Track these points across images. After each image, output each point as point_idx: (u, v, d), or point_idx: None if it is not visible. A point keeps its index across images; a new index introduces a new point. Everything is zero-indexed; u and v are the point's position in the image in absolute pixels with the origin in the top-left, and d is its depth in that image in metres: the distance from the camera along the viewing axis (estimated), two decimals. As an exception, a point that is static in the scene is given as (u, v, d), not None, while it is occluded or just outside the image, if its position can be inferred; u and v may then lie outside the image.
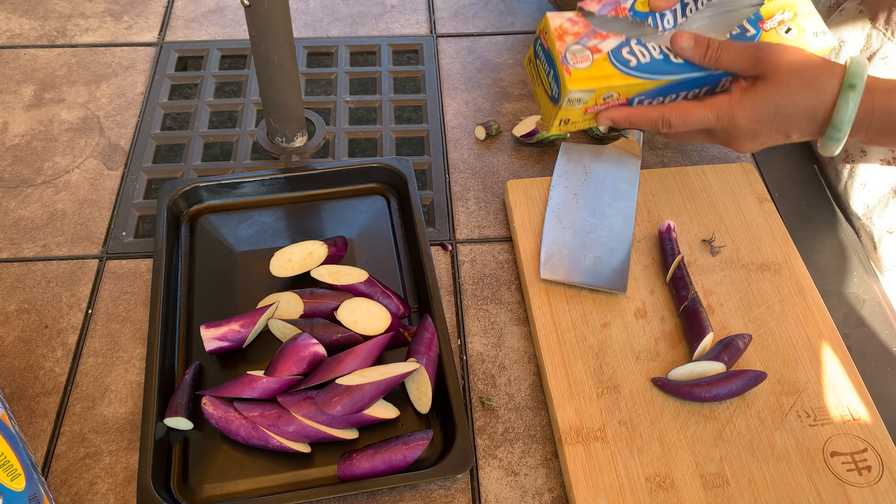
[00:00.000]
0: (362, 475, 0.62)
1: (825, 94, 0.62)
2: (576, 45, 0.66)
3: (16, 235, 0.80)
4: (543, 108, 0.72)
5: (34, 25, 1.03)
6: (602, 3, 0.67)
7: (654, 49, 0.67)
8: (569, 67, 0.65)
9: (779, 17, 0.69)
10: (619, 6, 0.67)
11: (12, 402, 0.68)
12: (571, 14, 0.68)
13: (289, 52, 0.81)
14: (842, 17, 0.87)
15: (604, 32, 0.67)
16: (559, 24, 0.67)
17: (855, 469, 0.63)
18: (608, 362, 0.69)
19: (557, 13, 0.68)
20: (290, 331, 0.69)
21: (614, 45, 0.67)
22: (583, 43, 0.66)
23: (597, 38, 0.67)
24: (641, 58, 0.67)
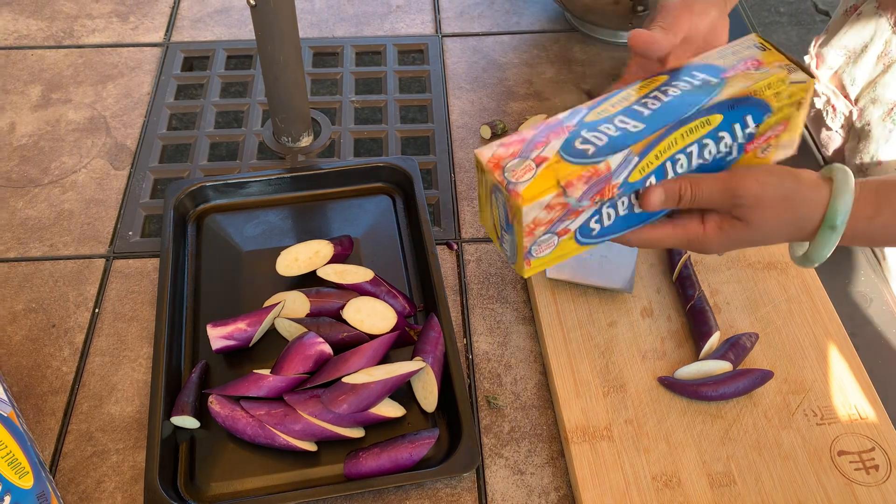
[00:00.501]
0: (369, 474, 0.62)
1: (806, 227, 0.58)
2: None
3: (23, 235, 0.81)
4: None
5: (41, 26, 1.04)
6: (588, 185, 0.54)
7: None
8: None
9: (742, 67, 0.57)
10: (609, 185, 0.55)
11: (20, 401, 0.68)
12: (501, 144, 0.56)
13: (295, 52, 0.81)
14: (859, 22, 0.86)
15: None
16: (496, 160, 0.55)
17: (862, 468, 0.63)
18: (614, 361, 0.69)
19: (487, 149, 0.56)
20: (296, 329, 0.69)
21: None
22: None
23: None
24: (598, 142, 0.55)
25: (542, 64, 1.00)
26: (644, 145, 0.54)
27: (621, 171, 0.54)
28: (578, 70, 0.99)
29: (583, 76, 0.98)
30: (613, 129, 0.55)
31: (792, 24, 2.53)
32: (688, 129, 0.55)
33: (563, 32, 1.05)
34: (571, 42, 1.03)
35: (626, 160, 0.53)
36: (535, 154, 0.54)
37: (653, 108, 0.56)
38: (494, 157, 0.55)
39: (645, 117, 0.55)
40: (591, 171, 0.53)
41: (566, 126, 0.56)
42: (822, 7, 2.59)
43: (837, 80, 0.90)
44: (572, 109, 0.58)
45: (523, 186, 0.52)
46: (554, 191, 0.52)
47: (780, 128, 0.59)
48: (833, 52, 0.90)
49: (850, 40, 0.87)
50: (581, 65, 1.00)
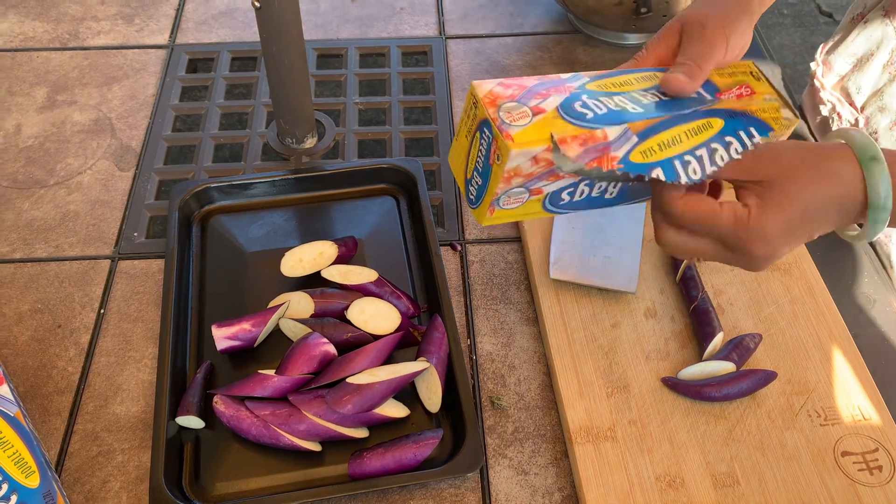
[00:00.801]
0: (373, 474, 0.62)
1: (846, 178, 0.52)
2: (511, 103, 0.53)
3: (29, 236, 0.81)
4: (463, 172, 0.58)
5: (47, 28, 1.04)
6: (584, 148, 0.52)
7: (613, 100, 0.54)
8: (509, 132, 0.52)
9: (736, 92, 0.57)
10: (608, 155, 0.52)
11: (26, 401, 0.69)
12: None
13: (299, 53, 0.81)
14: (866, 30, 0.86)
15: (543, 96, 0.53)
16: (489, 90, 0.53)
17: (866, 469, 0.63)
18: (618, 362, 0.69)
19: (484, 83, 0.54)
20: (300, 330, 0.69)
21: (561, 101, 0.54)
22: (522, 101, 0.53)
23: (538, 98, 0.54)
24: (598, 110, 0.53)
25: (545, 66, 1.00)
26: (643, 126, 0.53)
27: (620, 144, 0.52)
28: (582, 71, 0.99)
29: (586, 78, 0.98)
30: (613, 105, 0.54)
31: (795, 25, 2.53)
32: (691, 127, 0.54)
33: (566, 34, 1.05)
34: (575, 44, 1.04)
35: (624, 135, 0.52)
36: (534, 104, 0.53)
37: (651, 101, 0.55)
38: (491, 94, 0.53)
39: (644, 104, 0.54)
40: (587, 135, 0.51)
41: (567, 86, 0.54)
42: (825, 9, 2.59)
43: (843, 88, 0.90)
44: (573, 74, 0.56)
45: (517, 130, 0.51)
46: (545, 144, 0.51)
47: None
48: (840, 60, 0.90)
49: (857, 48, 0.87)
50: (584, 66, 1.00)
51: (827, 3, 2.60)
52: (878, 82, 0.85)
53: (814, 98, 0.94)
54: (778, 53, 0.96)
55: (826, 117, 0.92)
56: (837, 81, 0.90)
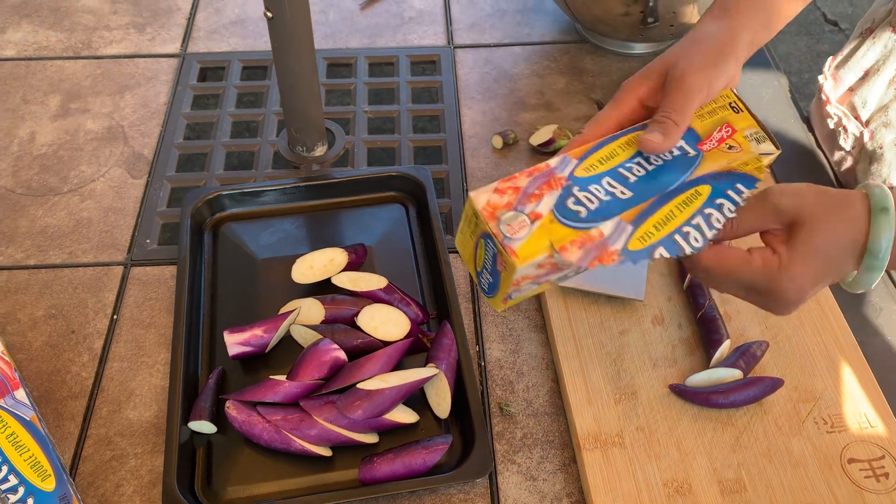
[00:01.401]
0: (383, 479, 0.63)
1: (859, 223, 0.54)
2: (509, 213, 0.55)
3: (43, 242, 0.82)
4: None
5: (60, 38, 1.06)
6: (584, 250, 0.54)
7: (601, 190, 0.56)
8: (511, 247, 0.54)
9: (717, 136, 0.59)
10: (607, 251, 0.54)
11: (40, 405, 0.70)
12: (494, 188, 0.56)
13: (310, 62, 0.82)
14: (875, 46, 0.87)
15: None
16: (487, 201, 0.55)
17: (873, 476, 0.63)
18: (626, 369, 0.70)
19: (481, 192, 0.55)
20: (311, 336, 0.70)
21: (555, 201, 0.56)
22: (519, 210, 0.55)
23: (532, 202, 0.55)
24: (590, 204, 0.55)
25: (552, 75, 1.01)
26: (635, 214, 0.55)
27: (615, 238, 0.54)
28: (589, 80, 1.00)
29: (593, 87, 0.99)
30: (603, 193, 0.56)
31: (801, 34, 2.54)
32: (681, 201, 0.56)
33: (573, 43, 1.06)
34: (582, 53, 1.04)
35: (618, 228, 0.54)
36: (530, 209, 0.55)
37: (638, 175, 0.57)
38: (490, 206, 0.55)
39: (631, 184, 0.56)
40: (583, 237, 0.54)
41: (558, 177, 0.56)
42: (831, 17, 2.59)
43: (848, 102, 0.90)
44: (562, 157, 0.58)
45: (518, 244, 0.53)
46: (547, 251, 0.53)
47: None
48: (849, 73, 0.90)
49: (865, 62, 0.88)
50: (591, 75, 1.01)
51: (832, 11, 2.61)
52: (884, 97, 0.85)
53: (821, 110, 0.94)
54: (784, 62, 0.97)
55: (833, 130, 0.92)
56: (844, 95, 0.91)
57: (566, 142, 0.89)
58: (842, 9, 2.60)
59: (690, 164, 0.57)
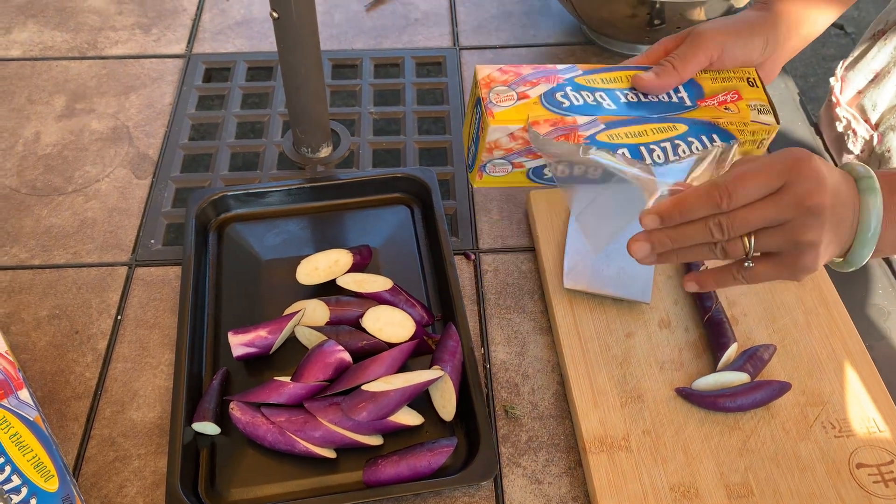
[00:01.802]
0: (387, 481, 0.63)
1: (852, 199, 0.54)
2: None
3: (47, 242, 0.82)
4: None
5: (66, 38, 1.06)
6: (554, 128, 0.60)
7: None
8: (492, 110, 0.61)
9: (721, 98, 0.63)
10: (576, 133, 0.60)
11: (44, 406, 0.69)
12: None
13: (316, 63, 0.82)
14: (887, 48, 0.86)
15: None
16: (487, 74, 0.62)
17: (881, 481, 0.63)
18: (632, 372, 0.69)
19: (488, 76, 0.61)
20: (316, 337, 0.70)
21: None
22: None
23: None
24: (575, 101, 0.61)
25: (558, 76, 1.01)
26: (611, 119, 0.61)
27: (588, 128, 0.60)
28: (581, 64, 1.00)
29: (599, 89, 0.99)
30: (591, 99, 0.62)
31: (806, 37, 2.53)
32: (656, 127, 0.61)
33: (579, 45, 1.06)
34: (588, 55, 1.04)
35: (592, 122, 0.61)
36: (522, 90, 0.61)
37: (629, 100, 0.63)
38: (489, 77, 0.62)
39: (619, 103, 0.62)
40: (557, 119, 0.60)
41: (557, 77, 0.62)
42: (836, 21, 2.59)
43: (858, 105, 0.90)
44: (570, 66, 0.64)
45: (499, 110, 0.60)
46: (521, 123, 0.59)
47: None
48: (859, 75, 0.90)
49: (876, 64, 0.87)
50: (597, 77, 1.01)
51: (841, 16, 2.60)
52: (894, 99, 0.85)
53: (830, 113, 0.94)
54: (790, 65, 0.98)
55: (841, 133, 0.92)
56: (854, 97, 0.90)
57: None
58: (848, 13, 2.59)
59: (681, 108, 0.62)
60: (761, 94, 0.63)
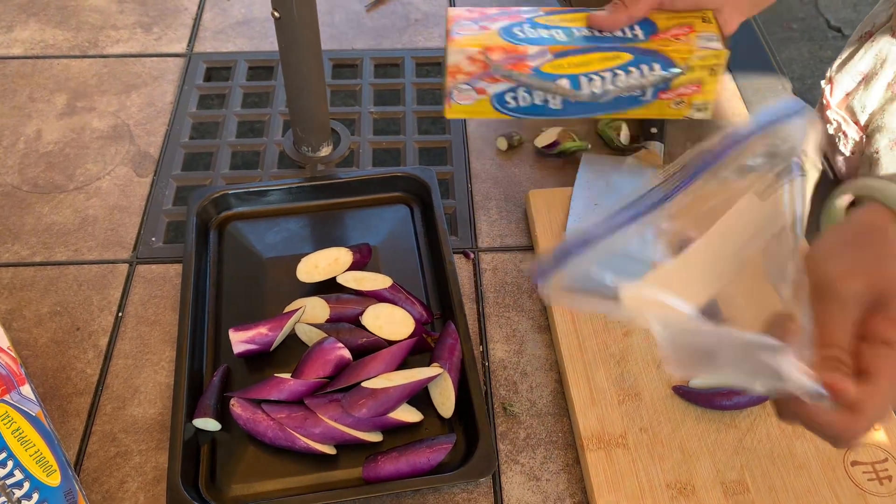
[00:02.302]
0: (387, 477, 0.63)
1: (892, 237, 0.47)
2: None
3: (49, 240, 0.82)
4: None
5: (67, 36, 1.06)
6: (506, 55, 0.65)
7: None
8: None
9: (672, 32, 0.66)
10: (524, 63, 0.65)
11: (45, 402, 0.70)
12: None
13: (316, 63, 0.83)
14: (873, 49, 0.87)
15: None
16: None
17: (876, 479, 0.63)
18: (630, 370, 0.70)
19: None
20: (316, 335, 0.70)
21: None
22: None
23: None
24: (531, 34, 0.66)
25: (557, 77, 1.01)
26: (560, 49, 0.66)
27: (535, 57, 0.66)
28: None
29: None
30: (546, 34, 0.67)
31: (804, 39, 2.54)
32: (601, 56, 0.66)
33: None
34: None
35: (541, 53, 0.66)
36: (483, 24, 0.67)
37: (581, 34, 0.67)
38: (456, 16, 0.68)
39: (572, 36, 0.67)
40: (510, 48, 0.65)
41: (520, 16, 0.67)
42: (834, 24, 2.60)
43: (848, 107, 0.90)
44: (533, 9, 0.68)
45: (459, 37, 0.65)
46: (477, 47, 0.64)
47: (693, 87, 0.67)
48: (847, 77, 0.90)
49: (863, 66, 0.88)
50: (596, 78, 1.01)
51: (836, 17, 2.61)
52: (882, 101, 0.85)
53: (822, 116, 0.94)
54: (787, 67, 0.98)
55: (832, 135, 0.92)
56: (843, 99, 0.91)
57: (571, 144, 0.89)
58: (845, 15, 2.60)
59: (631, 41, 0.66)
60: (713, 28, 0.67)
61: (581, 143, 0.90)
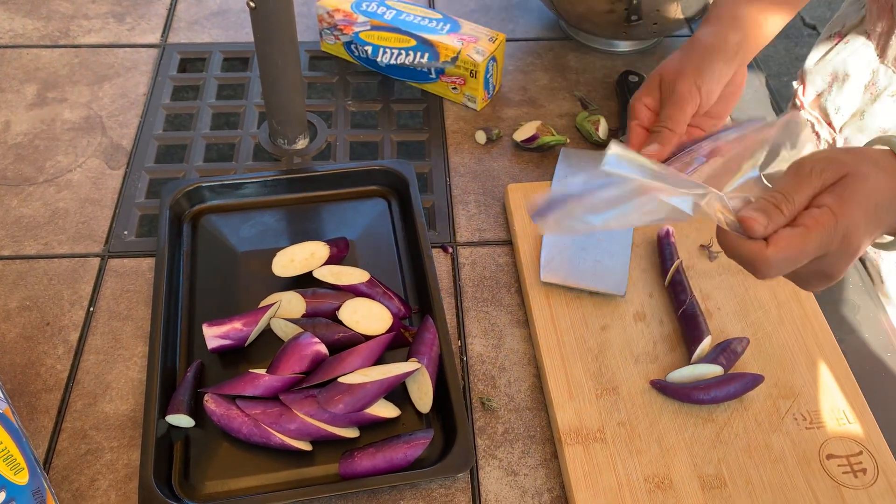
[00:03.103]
0: (363, 473, 0.63)
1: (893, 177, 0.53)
2: None
3: (18, 233, 0.81)
4: None
5: (37, 26, 1.04)
6: None
7: None
8: None
9: (454, 79, 0.92)
10: None
11: (14, 398, 0.68)
12: None
13: (293, 54, 0.81)
14: (846, 51, 0.87)
15: None
16: None
17: (850, 472, 0.64)
18: (607, 364, 0.70)
19: None
20: (292, 330, 0.69)
21: None
22: None
23: None
24: None
25: (536, 71, 1.01)
26: (378, 24, 0.93)
27: (359, 25, 0.94)
28: (572, 78, 1.00)
29: (577, 83, 0.99)
30: (384, 11, 0.95)
31: (780, 36, 2.56)
32: (398, 37, 0.93)
33: (557, 40, 1.06)
34: (565, 50, 1.04)
35: (364, 23, 0.94)
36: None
37: (407, 20, 0.93)
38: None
39: (398, 19, 0.94)
40: (347, 13, 0.94)
41: None
42: (809, 21, 2.62)
43: (820, 108, 0.91)
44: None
45: None
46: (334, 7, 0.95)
47: (459, 80, 0.92)
48: (818, 78, 0.90)
49: (835, 67, 0.88)
50: (575, 72, 1.01)
51: (811, 15, 2.64)
52: (860, 102, 0.86)
53: None
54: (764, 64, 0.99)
55: None
56: (815, 99, 0.91)
57: (549, 138, 0.89)
58: (820, 13, 2.63)
59: (433, 32, 0.92)
60: (491, 47, 0.90)
61: (560, 138, 0.90)
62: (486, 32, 0.93)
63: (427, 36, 0.91)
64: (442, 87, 0.94)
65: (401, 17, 0.93)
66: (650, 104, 0.69)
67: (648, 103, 0.69)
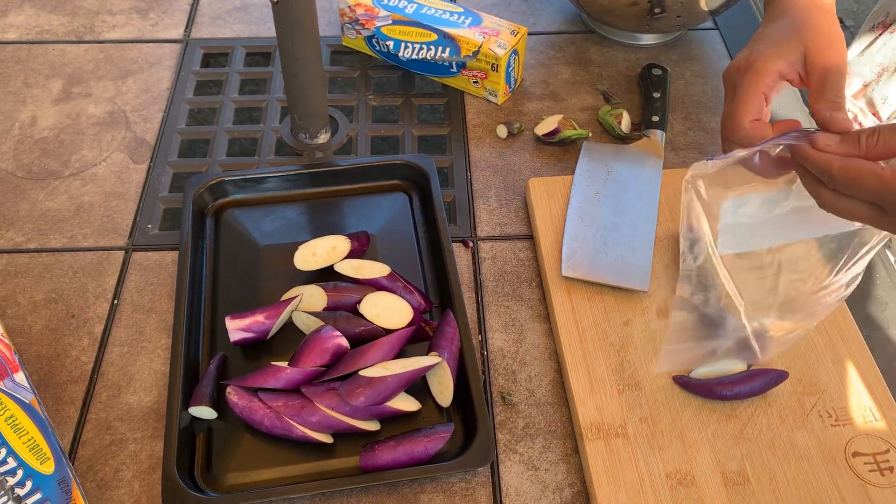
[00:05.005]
0: (384, 466, 0.63)
1: None
2: None
3: (44, 226, 0.82)
4: None
5: (62, 21, 1.05)
6: None
7: None
8: None
9: (474, 73, 0.94)
10: None
11: (40, 390, 0.69)
12: None
13: (314, 49, 0.82)
14: (893, 40, 0.85)
15: None
16: None
17: (877, 469, 0.63)
18: (629, 360, 0.69)
19: None
20: (313, 323, 0.70)
21: None
22: None
23: None
24: None
25: (558, 65, 1.01)
26: (399, 18, 0.93)
27: (380, 19, 0.94)
28: (595, 71, 1.00)
29: (599, 77, 0.99)
30: (406, 6, 0.95)
31: (805, 30, 2.52)
32: (419, 31, 0.93)
33: (579, 34, 1.05)
34: (588, 43, 1.04)
35: (386, 17, 0.94)
36: None
37: (430, 14, 0.94)
38: None
39: (420, 13, 0.93)
40: (369, 7, 0.96)
41: None
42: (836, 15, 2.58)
43: (866, 98, 0.89)
44: None
45: None
46: (354, 1, 0.97)
47: (480, 73, 0.93)
48: (866, 69, 0.89)
49: (883, 57, 0.87)
50: (597, 66, 1.00)
51: (838, 8, 2.59)
52: None
53: None
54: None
55: None
56: (860, 90, 0.90)
57: (571, 132, 0.88)
58: (847, 6, 2.59)
59: (455, 26, 0.93)
60: (514, 40, 0.90)
61: (582, 132, 0.89)
62: (507, 26, 0.92)
63: (448, 30, 0.91)
64: (463, 81, 0.94)
65: (422, 10, 0.93)
66: (783, 69, 0.65)
67: (782, 68, 0.64)
